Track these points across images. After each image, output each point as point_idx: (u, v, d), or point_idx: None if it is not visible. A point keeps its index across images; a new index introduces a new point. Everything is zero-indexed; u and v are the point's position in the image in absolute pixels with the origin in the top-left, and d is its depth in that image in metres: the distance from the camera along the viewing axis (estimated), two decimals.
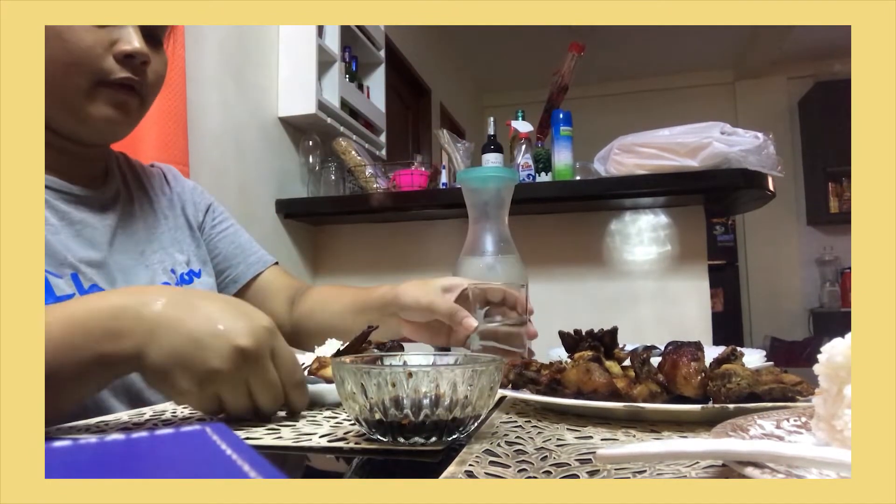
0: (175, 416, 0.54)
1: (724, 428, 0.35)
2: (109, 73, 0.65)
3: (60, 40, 0.62)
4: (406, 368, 0.40)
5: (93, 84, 0.65)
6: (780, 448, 0.27)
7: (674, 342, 0.54)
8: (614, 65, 5.01)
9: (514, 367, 0.56)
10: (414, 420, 0.40)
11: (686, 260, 1.97)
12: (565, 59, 2.17)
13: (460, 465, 0.36)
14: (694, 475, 0.34)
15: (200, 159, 1.68)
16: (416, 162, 2.15)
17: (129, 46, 0.65)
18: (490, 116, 2.19)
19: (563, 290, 2.04)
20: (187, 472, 0.21)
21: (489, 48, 4.81)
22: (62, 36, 0.62)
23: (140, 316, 0.47)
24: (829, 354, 0.33)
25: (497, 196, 0.87)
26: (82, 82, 0.65)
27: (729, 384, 0.47)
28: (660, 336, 0.84)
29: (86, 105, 0.66)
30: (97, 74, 0.65)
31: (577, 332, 0.61)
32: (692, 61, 5.15)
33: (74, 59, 0.63)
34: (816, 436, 0.34)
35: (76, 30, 0.63)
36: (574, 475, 0.34)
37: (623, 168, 1.80)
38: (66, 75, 0.64)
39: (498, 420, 0.51)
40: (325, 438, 0.45)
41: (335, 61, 2.23)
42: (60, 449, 0.21)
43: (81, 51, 0.63)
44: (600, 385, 0.50)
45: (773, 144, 1.70)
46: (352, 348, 0.64)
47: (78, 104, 0.66)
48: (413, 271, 2.12)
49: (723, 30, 4.39)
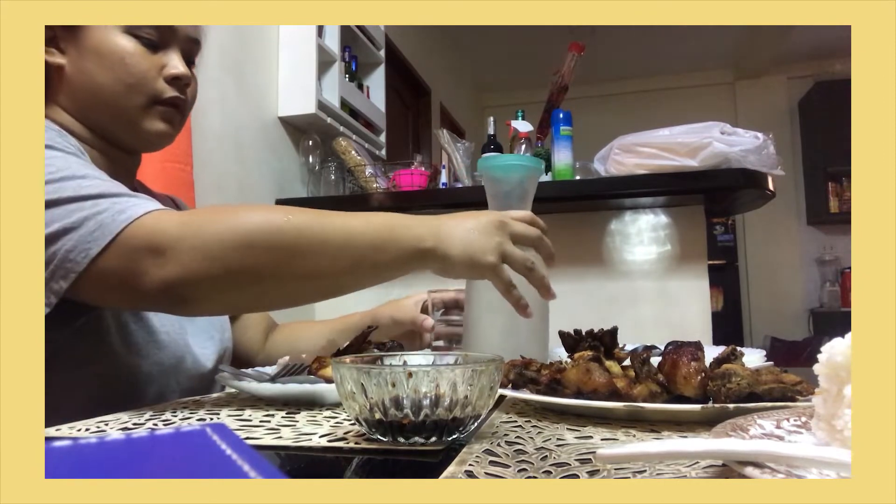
0: (175, 417, 0.54)
1: (724, 428, 0.35)
2: (161, 93, 0.75)
3: (124, 65, 0.72)
4: (406, 368, 0.40)
5: (148, 102, 0.74)
6: (780, 448, 0.27)
7: (674, 342, 0.54)
8: (614, 65, 5.00)
9: (514, 367, 0.56)
10: (414, 420, 0.40)
11: (686, 260, 1.97)
12: (565, 59, 2.17)
13: (460, 465, 0.36)
14: (694, 475, 0.34)
15: (201, 159, 1.68)
16: (416, 162, 2.15)
17: (177, 70, 0.75)
18: (490, 116, 2.19)
19: (563, 290, 2.03)
20: (187, 472, 0.21)
21: (489, 48, 4.81)
22: (125, 61, 0.72)
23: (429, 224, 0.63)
24: (829, 354, 0.33)
25: (520, 187, 0.82)
26: (140, 101, 0.74)
27: (729, 384, 0.47)
28: (660, 336, 0.84)
29: (142, 120, 0.75)
30: (152, 94, 0.74)
31: (577, 332, 0.61)
32: (692, 61, 5.14)
33: (135, 81, 0.73)
34: (816, 436, 0.34)
35: (136, 56, 0.72)
36: (574, 475, 0.34)
37: (623, 168, 1.80)
38: (127, 95, 0.73)
39: (498, 420, 0.51)
40: (325, 438, 0.45)
41: (335, 61, 2.23)
42: (60, 449, 0.21)
43: (140, 73, 0.73)
44: (600, 385, 0.50)
45: (773, 144, 1.70)
46: (352, 348, 0.64)
47: (135, 119, 0.74)
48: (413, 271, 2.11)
49: (723, 30, 4.39)
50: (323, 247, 0.58)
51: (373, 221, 0.61)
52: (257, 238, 0.57)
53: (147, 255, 0.56)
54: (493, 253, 0.62)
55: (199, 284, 0.56)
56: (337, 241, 0.59)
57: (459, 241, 0.62)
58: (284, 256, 0.57)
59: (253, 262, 0.57)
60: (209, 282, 0.56)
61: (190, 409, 0.58)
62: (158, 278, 0.56)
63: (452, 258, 0.61)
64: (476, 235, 0.62)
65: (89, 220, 0.56)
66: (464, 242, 0.62)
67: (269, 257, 0.57)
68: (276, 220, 0.58)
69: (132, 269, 0.56)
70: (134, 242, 0.56)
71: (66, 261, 0.56)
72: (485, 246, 0.62)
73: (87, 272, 0.56)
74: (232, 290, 0.59)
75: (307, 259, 0.58)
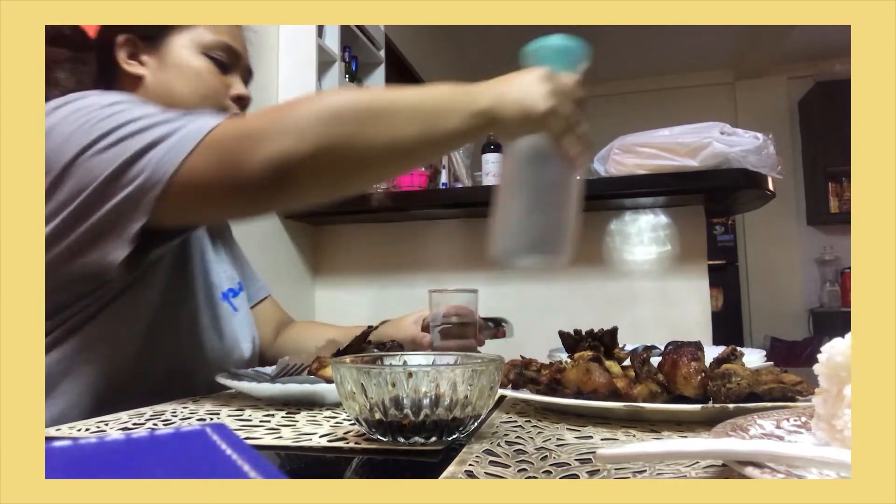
0: (175, 416, 0.54)
1: (724, 428, 0.35)
2: (227, 109, 0.82)
3: (200, 80, 0.80)
4: (406, 368, 0.40)
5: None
6: (780, 448, 0.27)
7: (674, 342, 0.54)
8: (614, 65, 5.00)
9: (514, 367, 0.56)
10: (414, 420, 0.40)
11: (686, 260, 1.97)
12: None
13: (460, 465, 0.36)
14: (694, 475, 0.34)
15: None
16: None
17: (242, 91, 0.84)
18: None
19: (564, 290, 2.03)
20: (187, 472, 0.21)
21: (489, 48, 4.80)
22: (201, 77, 0.80)
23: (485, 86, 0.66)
24: (829, 354, 0.33)
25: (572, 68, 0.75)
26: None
27: (729, 384, 0.47)
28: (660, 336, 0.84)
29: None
30: (219, 108, 0.81)
31: (577, 332, 0.61)
32: (692, 61, 5.14)
33: (209, 95, 0.80)
34: (816, 436, 0.34)
35: (210, 74, 0.81)
36: (574, 475, 0.34)
37: (623, 168, 1.80)
38: (200, 105, 0.79)
39: (498, 420, 0.51)
40: (325, 438, 0.45)
41: (335, 61, 2.23)
42: (60, 449, 0.21)
43: (213, 89, 0.81)
44: (600, 385, 0.50)
45: (772, 144, 1.70)
46: (352, 348, 0.64)
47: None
48: (412, 271, 2.12)
49: (723, 30, 4.39)
50: (396, 112, 0.63)
51: (436, 90, 0.66)
52: (338, 110, 0.61)
53: (243, 143, 0.59)
54: (545, 100, 0.65)
55: (298, 161, 0.59)
56: (406, 108, 0.63)
57: (514, 96, 0.65)
58: (365, 123, 0.61)
59: (340, 132, 0.60)
60: (306, 157, 0.59)
61: (190, 409, 0.58)
62: (258, 160, 0.58)
63: (508, 113, 0.65)
64: (528, 88, 0.66)
65: (175, 132, 0.60)
66: (518, 95, 0.65)
67: (352, 126, 0.61)
68: (351, 96, 0.64)
69: (230, 159, 0.59)
70: (227, 135, 0.60)
71: (157, 169, 0.59)
72: (536, 95, 0.65)
73: (180, 174, 0.59)
74: (325, 163, 0.61)
75: (384, 124, 0.62)
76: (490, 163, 2.07)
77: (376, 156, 0.63)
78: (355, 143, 0.60)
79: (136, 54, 0.79)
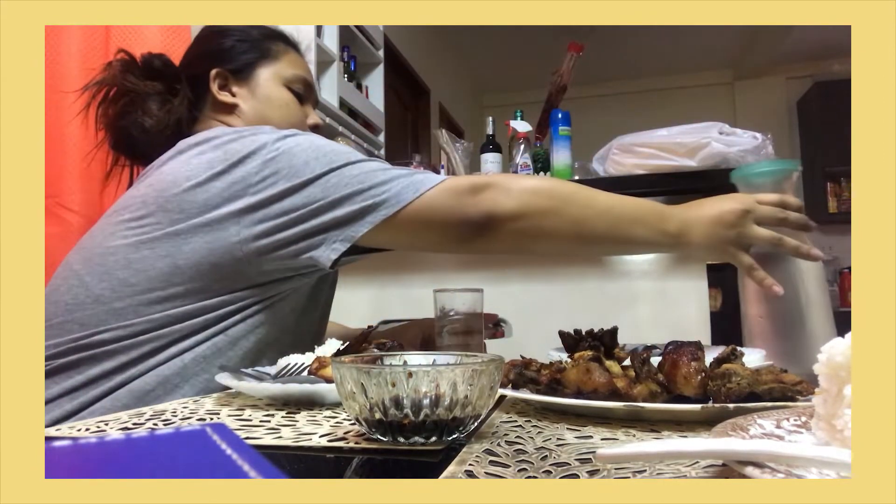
0: (175, 416, 0.54)
1: (724, 428, 0.35)
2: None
3: (287, 109, 0.94)
4: (406, 368, 0.40)
5: None
6: (780, 448, 0.27)
7: (674, 342, 0.54)
8: (614, 65, 5.00)
9: (514, 367, 0.56)
10: (414, 420, 0.40)
11: (685, 260, 1.96)
12: (564, 59, 2.17)
13: (460, 465, 0.36)
14: (694, 475, 0.34)
15: None
16: (415, 162, 2.15)
17: (317, 121, 0.99)
18: (489, 116, 2.19)
19: (563, 290, 2.03)
20: (187, 472, 0.21)
21: (489, 48, 4.81)
22: (289, 106, 0.94)
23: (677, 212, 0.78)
24: (829, 354, 0.33)
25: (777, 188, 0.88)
26: None
27: (729, 384, 0.47)
28: (659, 336, 0.84)
29: None
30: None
31: (577, 332, 0.61)
32: (691, 61, 5.15)
33: (295, 123, 0.93)
34: (816, 435, 0.34)
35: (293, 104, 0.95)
36: (574, 475, 0.34)
37: (622, 168, 1.80)
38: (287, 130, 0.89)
39: (498, 420, 0.51)
40: (325, 438, 0.45)
41: (334, 61, 2.23)
42: (60, 449, 0.21)
43: (297, 117, 0.95)
44: (600, 385, 0.50)
45: (771, 144, 1.70)
46: (352, 348, 0.64)
47: None
48: (412, 271, 2.11)
49: (722, 30, 4.39)
50: (591, 203, 0.77)
51: (635, 201, 0.79)
52: (544, 188, 0.77)
53: (473, 190, 0.75)
54: (732, 243, 0.76)
55: (505, 214, 0.75)
56: (602, 205, 0.77)
57: (701, 231, 0.76)
58: (562, 202, 0.76)
59: (539, 203, 0.75)
60: (511, 213, 0.75)
61: (190, 409, 0.58)
62: (477, 206, 0.75)
63: (693, 246, 0.76)
64: (715, 228, 0.76)
65: (414, 174, 0.76)
66: (705, 233, 0.76)
67: (552, 201, 0.76)
68: (556, 182, 0.83)
69: (460, 201, 0.75)
70: (461, 184, 0.76)
71: (400, 194, 0.74)
72: (723, 237, 0.76)
73: (418, 202, 0.74)
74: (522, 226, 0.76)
75: (577, 209, 0.76)
76: (489, 163, 2.07)
77: (564, 233, 0.76)
78: (549, 216, 0.75)
79: (227, 86, 0.92)
